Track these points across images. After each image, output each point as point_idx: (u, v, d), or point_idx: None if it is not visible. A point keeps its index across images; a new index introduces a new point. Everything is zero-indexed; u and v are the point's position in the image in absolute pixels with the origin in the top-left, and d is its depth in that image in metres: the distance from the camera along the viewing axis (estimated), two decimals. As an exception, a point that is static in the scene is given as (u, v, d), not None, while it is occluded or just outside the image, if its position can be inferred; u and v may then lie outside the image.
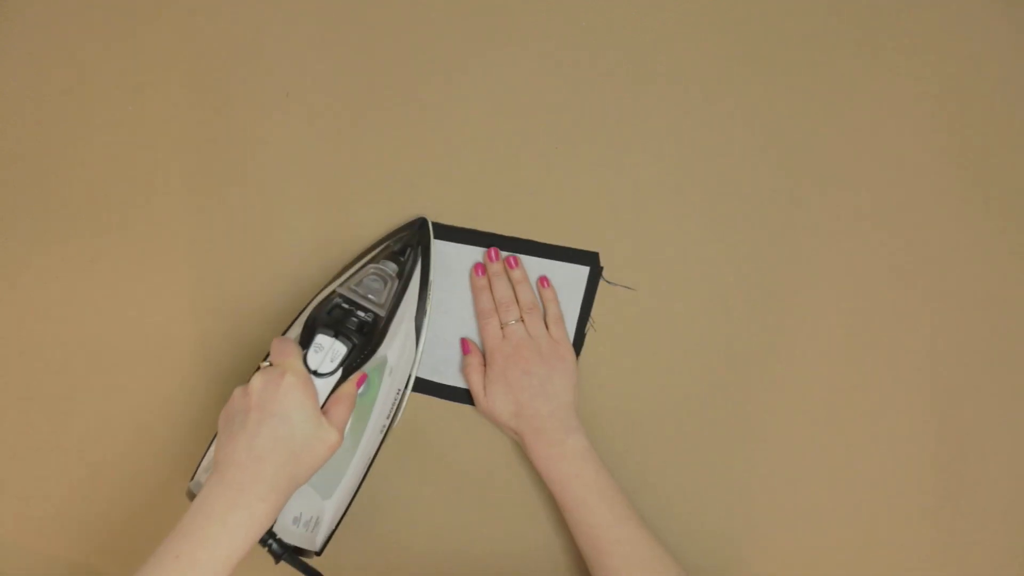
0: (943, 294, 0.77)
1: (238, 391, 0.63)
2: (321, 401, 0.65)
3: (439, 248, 0.76)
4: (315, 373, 0.65)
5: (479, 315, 0.75)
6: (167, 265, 0.77)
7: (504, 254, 0.76)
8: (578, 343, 0.77)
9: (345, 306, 0.69)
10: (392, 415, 0.74)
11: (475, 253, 0.77)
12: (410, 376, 0.76)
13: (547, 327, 0.75)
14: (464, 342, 0.76)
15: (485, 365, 0.75)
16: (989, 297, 0.77)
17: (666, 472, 0.76)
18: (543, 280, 0.76)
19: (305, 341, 0.67)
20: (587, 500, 0.68)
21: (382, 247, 0.73)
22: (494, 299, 0.75)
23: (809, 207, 0.77)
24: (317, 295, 0.72)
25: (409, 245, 0.73)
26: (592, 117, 0.77)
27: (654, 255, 0.77)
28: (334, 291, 0.70)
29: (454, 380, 0.78)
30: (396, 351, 0.71)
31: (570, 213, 0.77)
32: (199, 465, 0.70)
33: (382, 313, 0.70)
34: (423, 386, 0.78)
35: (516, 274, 0.75)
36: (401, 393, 0.74)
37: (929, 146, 0.77)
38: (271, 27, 0.77)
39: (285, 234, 0.77)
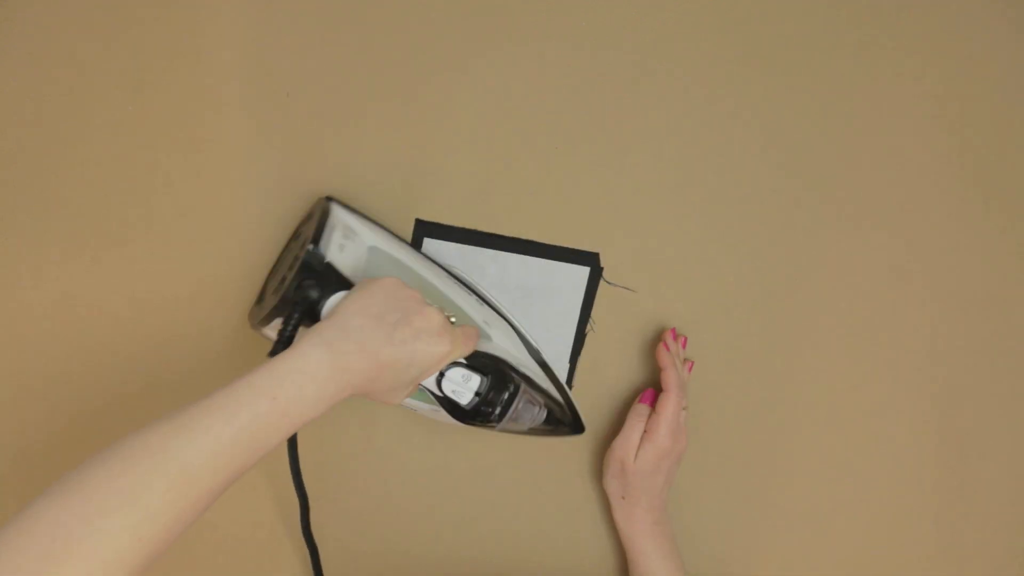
0: (943, 294, 0.77)
1: (420, 298, 0.61)
2: (423, 382, 0.66)
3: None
4: (441, 374, 0.66)
5: (674, 385, 0.73)
6: (167, 265, 0.77)
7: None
8: (578, 344, 0.77)
9: (510, 390, 0.69)
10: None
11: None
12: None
13: None
14: (651, 392, 0.75)
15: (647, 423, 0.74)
16: (989, 297, 0.77)
17: (666, 472, 0.76)
18: (689, 365, 0.77)
19: (472, 361, 0.67)
20: None
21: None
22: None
23: (809, 207, 0.77)
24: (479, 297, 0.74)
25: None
26: (592, 117, 0.77)
27: (654, 255, 0.77)
28: (520, 383, 0.69)
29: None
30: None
31: (570, 213, 0.77)
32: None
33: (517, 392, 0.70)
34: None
35: (683, 355, 0.77)
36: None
37: (929, 146, 0.77)
38: (271, 27, 0.77)
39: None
